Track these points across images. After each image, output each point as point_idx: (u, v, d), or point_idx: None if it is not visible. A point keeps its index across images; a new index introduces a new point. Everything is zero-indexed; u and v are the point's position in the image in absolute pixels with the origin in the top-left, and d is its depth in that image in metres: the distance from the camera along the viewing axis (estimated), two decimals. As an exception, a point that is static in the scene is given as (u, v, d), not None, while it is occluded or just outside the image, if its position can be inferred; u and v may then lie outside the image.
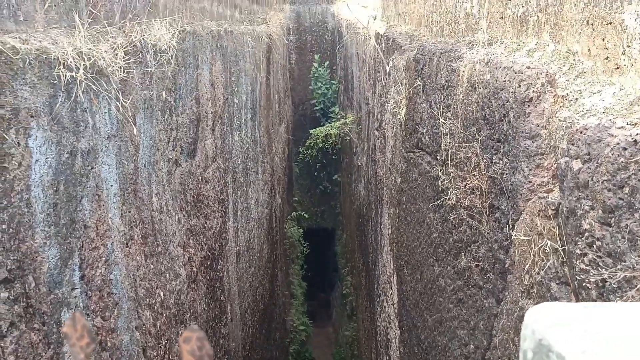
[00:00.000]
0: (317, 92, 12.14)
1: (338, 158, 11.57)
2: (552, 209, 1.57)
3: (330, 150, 11.03)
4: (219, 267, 4.67)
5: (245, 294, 5.68)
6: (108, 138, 2.48)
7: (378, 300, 5.23)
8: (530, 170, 1.74)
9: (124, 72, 2.50)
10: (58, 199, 2.07)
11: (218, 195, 4.68)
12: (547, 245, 1.56)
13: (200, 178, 4.18)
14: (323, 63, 12.23)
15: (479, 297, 2.14)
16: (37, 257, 1.93)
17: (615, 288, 1.12)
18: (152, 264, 3.05)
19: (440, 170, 2.65)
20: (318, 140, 10.71)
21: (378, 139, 5.23)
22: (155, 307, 3.06)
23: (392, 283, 4.26)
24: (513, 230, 1.80)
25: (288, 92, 11.42)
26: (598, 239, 1.25)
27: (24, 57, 1.86)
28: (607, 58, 1.71)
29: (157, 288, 3.11)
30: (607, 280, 1.13)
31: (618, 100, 1.56)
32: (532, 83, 1.79)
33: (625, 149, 1.20)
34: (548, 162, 1.72)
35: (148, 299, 2.96)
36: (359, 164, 7.83)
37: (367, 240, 6.71)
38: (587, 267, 1.28)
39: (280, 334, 8.38)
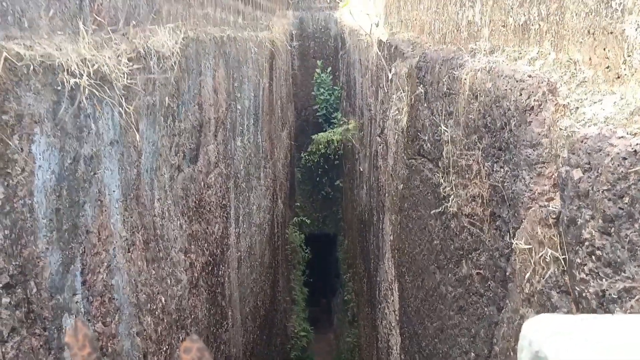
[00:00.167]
0: (319, 97, 12.17)
1: (340, 164, 11.58)
2: (552, 218, 1.58)
3: (333, 156, 11.05)
4: (221, 272, 4.67)
5: (247, 300, 5.67)
6: (111, 144, 2.49)
7: (379, 307, 5.22)
8: (531, 179, 1.74)
9: (128, 78, 2.52)
10: (60, 205, 2.08)
11: (220, 201, 4.69)
12: (547, 254, 1.56)
13: (202, 183, 4.19)
14: (326, 69, 12.27)
15: (480, 304, 2.14)
16: (39, 262, 1.94)
17: (615, 298, 1.12)
18: (153, 270, 3.06)
19: (442, 178, 2.65)
20: (320, 146, 10.73)
21: (380, 145, 5.24)
22: (157, 312, 3.06)
23: (393, 290, 4.25)
24: (514, 239, 1.80)
25: (291, 97, 11.45)
26: (598, 249, 1.25)
27: (28, 63, 1.87)
28: (608, 67, 1.72)
29: (158, 293, 3.12)
30: (606, 290, 1.13)
31: (619, 110, 1.56)
32: (533, 92, 1.80)
33: (625, 159, 1.20)
34: (549, 170, 1.72)
35: (149, 305, 2.96)
36: (361, 170, 7.84)
37: (368, 246, 6.70)
38: (587, 276, 1.28)
39: (281, 340, 8.36)
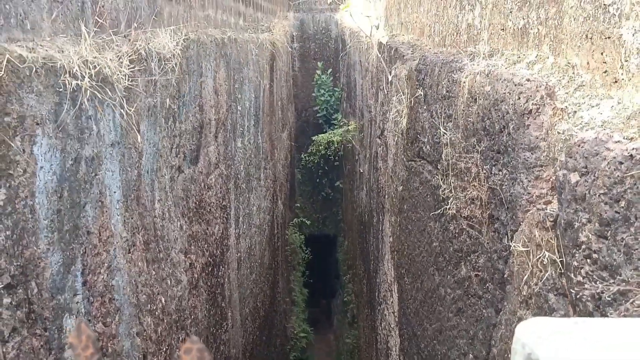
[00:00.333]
0: (320, 99, 12.19)
1: (340, 165, 11.60)
2: (550, 221, 1.59)
3: (333, 157, 11.06)
4: (220, 273, 4.69)
5: (246, 301, 5.68)
6: (112, 145, 2.50)
7: (379, 308, 5.23)
8: (529, 182, 1.75)
9: (129, 80, 2.53)
10: (62, 206, 2.10)
11: (220, 202, 4.70)
12: (545, 257, 1.57)
13: (203, 184, 4.20)
14: (326, 70, 12.29)
15: (479, 306, 2.15)
16: (40, 263, 1.95)
17: (611, 301, 1.13)
18: (153, 270, 3.07)
19: (441, 180, 2.67)
20: (320, 147, 10.74)
21: (380, 147, 5.25)
22: (157, 313, 3.08)
23: (392, 291, 4.26)
24: (512, 241, 1.81)
25: (291, 99, 11.47)
26: (595, 252, 1.26)
27: (31, 65, 1.89)
28: (605, 72, 1.73)
29: (158, 294, 3.13)
30: (603, 293, 1.14)
31: (616, 114, 1.58)
32: (531, 95, 1.81)
33: (622, 163, 1.22)
34: (547, 174, 1.73)
35: (149, 305, 2.98)
36: (361, 171, 7.85)
37: (368, 248, 6.72)
38: (583, 279, 1.29)
39: (281, 341, 8.37)
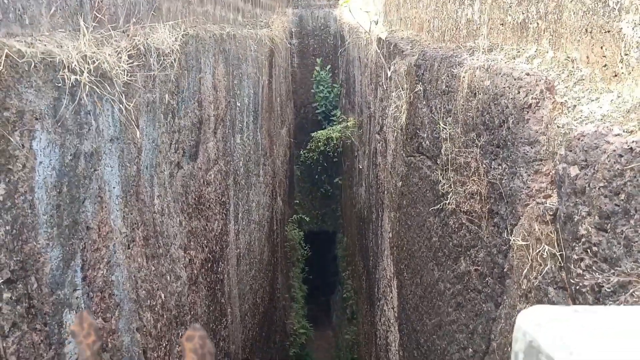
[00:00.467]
0: (319, 95, 12.18)
1: (339, 161, 11.60)
2: (550, 215, 1.59)
3: (332, 154, 11.06)
4: (220, 269, 4.69)
5: (246, 297, 5.69)
6: (111, 140, 2.50)
7: (378, 304, 5.24)
8: (529, 176, 1.76)
9: (128, 75, 2.52)
10: (61, 201, 2.09)
11: (219, 198, 4.70)
12: (544, 250, 1.58)
13: (202, 180, 4.20)
14: (325, 67, 12.28)
15: (478, 301, 2.15)
16: (39, 258, 1.95)
17: (611, 292, 1.14)
18: (153, 266, 3.07)
19: (441, 175, 2.67)
20: (320, 143, 10.74)
21: (379, 143, 5.25)
22: (156, 308, 3.08)
23: (392, 287, 4.27)
24: (512, 235, 1.81)
25: (290, 95, 11.46)
26: (594, 245, 1.26)
27: (29, 60, 1.88)
28: (605, 66, 1.73)
29: (158, 290, 3.13)
30: (602, 285, 1.15)
31: (616, 108, 1.58)
32: (531, 89, 1.81)
33: (621, 156, 1.22)
34: (546, 168, 1.73)
35: (149, 301, 2.98)
36: (360, 168, 7.85)
37: (367, 244, 6.72)
38: (583, 272, 1.30)
39: (280, 337, 8.39)
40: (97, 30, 2.44)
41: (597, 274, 1.21)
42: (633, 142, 1.21)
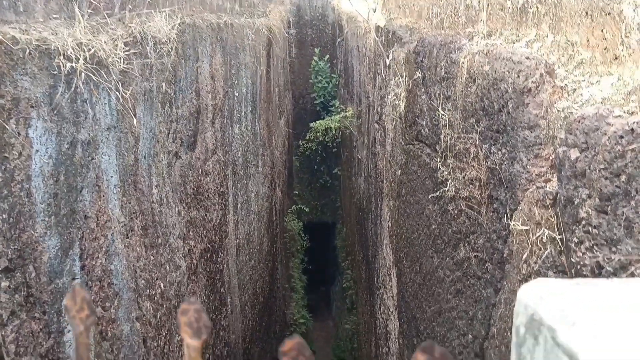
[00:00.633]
0: (317, 85, 12.13)
1: (338, 152, 11.58)
2: (550, 199, 1.58)
3: (331, 144, 11.04)
4: (219, 259, 4.69)
5: (246, 287, 5.70)
6: (108, 129, 2.48)
7: (378, 293, 5.25)
8: (529, 160, 1.75)
9: (124, 63, 2.50)
10: (58, 189, 2.08)
11: (218, 188, 4.69)
12: (544, 235, 1.57)
13: (200, 170, 4.18)
14: (323, 57, 12.22)
15: (478, 287, 2.15)
16: (37, 246, 1.94)
17: (611, 273, 1.13)
18: (152, 256, 3.07)
19: (440, 162, 2.66)
20: (318, 134, 10.72)
21: (378, 132, 5.23)
22: (156, 298, 3.08)
23: (391, 275, 4.28)
24: (511, 220, 1.81)
25: (288, 85, 11.41)
26: (595, 227, 1.26)
27: (24, 47, 1.86)
28: (605, 48, 1.71)
29: (157, 279, 3.13)
30: (602, 267, 1.14)
31: (616, 91, 1.56)
32: (530, 73, 1.79)
33: (622, 137, 1.21)
34: (546, 152, 1.72)
35: (148, 290, 2.97)
36: (359, 158, 7.84)
37: (367, 234, 6.73)
38: (583, 255, 1.29)
39: (281, 327, 8.41)
40: (92, 18, 2.42)
41: (597, 257, 1.20)
42: (634, 123, 1.20)
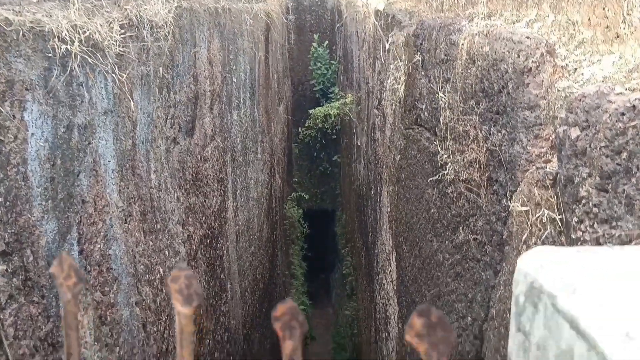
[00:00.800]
0: (316, 72, 12.06)
1: (338, 139, 11.54)
2: (550, 179, 1.57)
3: (330, 131, 11.00)
4: (219, 245, 4.69)
5: (245, 273, 5.71)
6: (105, 113, 2.46)
7: (377, 279, 5.26)
8: (529, 141, 1.73)
9: (120, 46, 2.48)
10: (55, 174, 2.07)
11: (217, 174, 4.68)
12: (544, 215, 1.56)
13: (199, 157, 4.17)
14: (322, 43, 12.13)
15: (477, 269, 2.15)
16: (35, 230, 1.93)
17: (611, 252, 1.12)
18: (151, 241, 3.06)
19: (439, 146, 2.64)
20: (318, 121, 10.67)
21: (377, 117, 5.21)
22: (155, 283, 3.08)
23: (391, 260, 4.28)
24: (511, 202, 1.80)
25: (287, 72, 11.35)
26: (595, 206, 1.25)
27: (17, 28, 1.84)
28: (607, 27, 1.69)
29: (156, 265, 3.12)
30: (602, 245, 1.13)
31: (617, 69, 1.54)
32: (531, 53, 1.77)
33: (624, 114, 1.19)
34: (546, 132, 1.71)
35: (148, 276, 2.97)
36: (359, 144, 7.82)
37: (366, 220, 6.73)
38: (583, 234, 1.28)
39: (281, 313, 8.43)
40: (87, 0, 2.39)
41: (597, 235, 1.19)
42: (636, 99, 1.18)
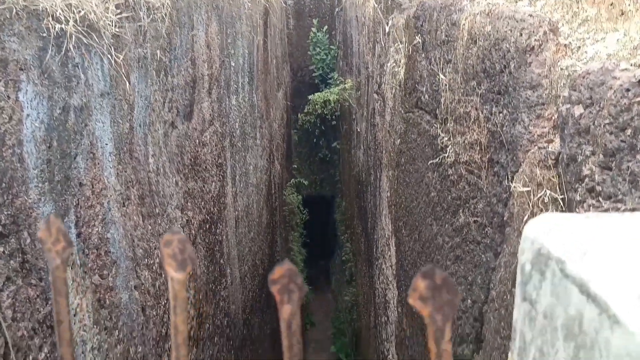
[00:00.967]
0: (315, 57, 11.98)
1: (337, 125, 11.50)
2: (552, 159, 1.55)
3: (330, 117, 10.95)
4: (218, 231, 4.68)
5: (245, 259, 5.71)
6: (102, 95, 2.43)
7: (376, 264, 5.27)
8: (531, 121, 1.71)
9: (116, 26, 2.44)
10: (51, 156, 2.04)
11: (216, 160, 4.65)
12: (546, 195, 1.54)
13: (197, 141, 4.14)
14: (322, 28, 12.03)
15: (477, 252, 2.14)
16: (31, 213, 1.92)
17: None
18: (149, 225, 3.05)
19: (440, 128, 2.62)
20: (317, 106, 10.62)
21: (377, 102, 5.17)
22: (154, 267, 3.07)
23: (390, 245, 4.27)
24: (512, 182, 1.78)
25: (286, 57, 11.27)
26: (598, 184, 1.23)
27: (10, 7, 1.80)
28: (611, 4, 1.66)
29: (155, 249, 3.11)
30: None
31: (622, 46, 1.52)
32: (534, 31, 1.74)
33: (629, 90, 1.17)
34: (549, 112, 1.68)
35: (146, 260, 2.96)
36: (358, 130, 7.78)
37: (366, 206, 6.72)
38: (586, 212, 1.26)
39: (280, 299, 8.47)
40: (82, -20, 2.34)
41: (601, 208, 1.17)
42: (641, 74, 1.16)
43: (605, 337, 0.37)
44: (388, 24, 4.01)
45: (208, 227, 4.38)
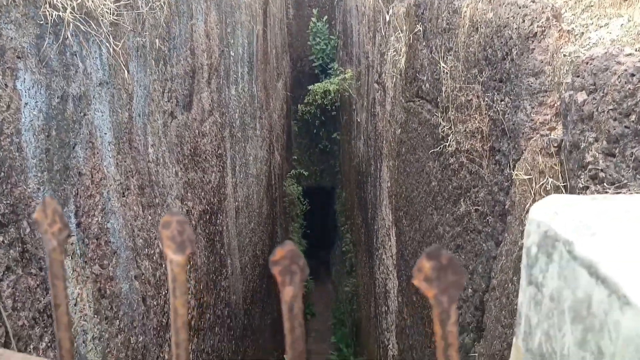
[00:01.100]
0: (315, 48, 11.92)
1: (337, 116, 11.47)
2: (554, 146, 1.54)
3: (330, 108, 10.92)
4: (219, 221, 4.68)
5: (245, 249, 5.71)
6: (100, 84, 2.41)
7: (377, 254, 5.27)
8: (533, 108, 1.69)
9: (114, 15, 2.41)
10: (50, 145, 2.03)
11: (215, 150, 4.64)
12: (548, 183, 1.53)
13: (197, 131, 4.12)
14: (322, 18, 11.96)
15: (478, 241, 2.13)
16: (31, 202, 1.91)
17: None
18: (149, 215, 3.04)
19: (441, 117, 2.60)
20: (317, 97, 10.58)
21: (378, 92, 5.15)
22: (154, 257, 3.07)
23: (390, 235, 4.27)
24: (514, 170, 1.77)
25: (286, 47, 11.21)
26: (602, 170, 1.22)
27: (8, -6, 1.78)
28: (615, -11, 1.64)
29: (155, 239, 3.11)
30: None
31: (626, 32, 1.50)
32: (536, 17, 1.72)
33: (633, 75, 1.15)
34: (551, 99, 1.67)
35: (147, 250, 2.96)
36: (359, 121, 7.76)
37: (366, 197, 6.71)
38: (589, 199, 1.25)
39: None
40: (79, -33, 2.31)
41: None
42: (646, 59, 1.14)
43: (615, 318, 0.36)
44: (389, 13, 3.98)
45: (208, 217, 4.38)
